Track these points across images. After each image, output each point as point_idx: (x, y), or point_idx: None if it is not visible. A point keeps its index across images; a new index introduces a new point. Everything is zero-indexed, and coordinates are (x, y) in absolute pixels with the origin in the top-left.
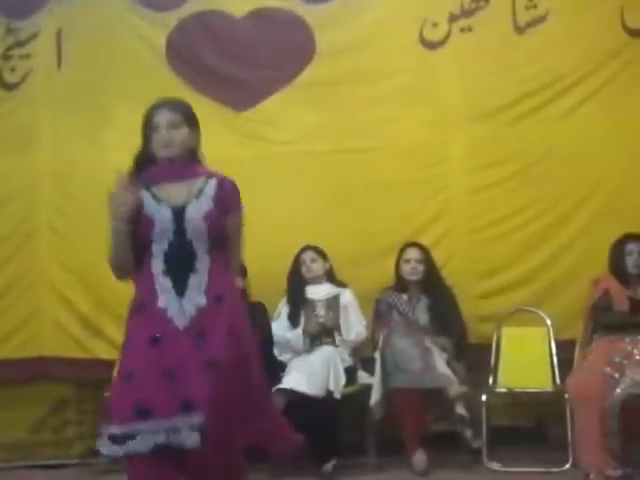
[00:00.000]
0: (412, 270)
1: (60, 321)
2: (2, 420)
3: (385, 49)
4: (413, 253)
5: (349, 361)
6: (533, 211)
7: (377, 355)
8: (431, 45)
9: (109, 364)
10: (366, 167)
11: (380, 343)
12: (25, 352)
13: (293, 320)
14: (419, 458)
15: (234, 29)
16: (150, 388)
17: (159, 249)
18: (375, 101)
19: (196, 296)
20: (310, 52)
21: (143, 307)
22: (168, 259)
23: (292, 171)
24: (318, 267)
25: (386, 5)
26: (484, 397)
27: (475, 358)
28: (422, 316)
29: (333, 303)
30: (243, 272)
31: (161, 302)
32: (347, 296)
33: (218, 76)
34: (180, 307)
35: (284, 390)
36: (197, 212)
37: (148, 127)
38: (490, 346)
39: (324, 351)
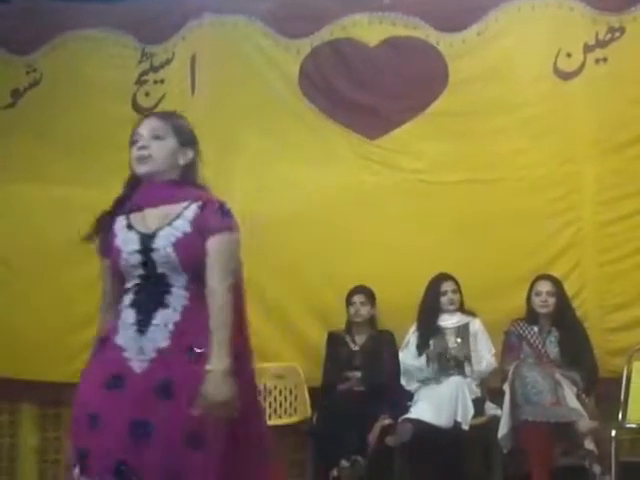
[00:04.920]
0: (543, 303)
1: None
2: None
3: (518, 79)
4: (545, 286)
5: (477, 392)
6: None
7: (506, 387)
8: (565, 76)
9: None
10: (496, 198)
11: (510, 375)
12: None
13: (421, 349)
14: None
15: (367, 57)
16: (122, 441)
17: (130, 284)
18: (507, 132)
19: (158, 335)
20: (443, 81)
21: (103, 342)
22: (137, 292)
23: (422, 200)
24: (458, 298)
25: (520, 35)
26: (614, 432)
27: (604, 392)
28: (552, 349)
29: (463, 331)
30: (372, 299)
31: (119, 338)
32: (476, 325)
33: (351, 104)
34: (139, 348)
35: (411, 420)
36: (166, 240)
37: (130, 141)
38: (620, 380)
39: (452, 381)
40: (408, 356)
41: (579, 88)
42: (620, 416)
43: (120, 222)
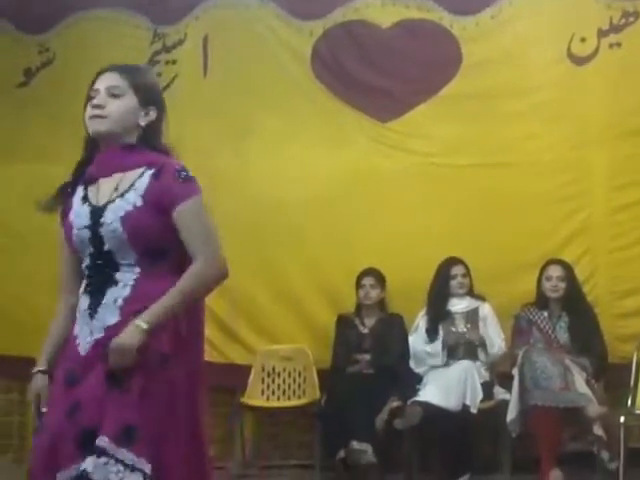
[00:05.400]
0: (553, 288)
1: None
2: None
3: (531, 63)
4: (555, 270)
5: (486, 376)
6: None
7: (515, 372)
8: (579, 60)
9: (243, 369)
10: (507, 182)
11: (519, 360)
12: None
13: (431, 333)
14: (555, 477)
15: (380, 40)
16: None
17: (85, 263)
18: (519, 115)
19: (107, 314)
20: (456, 64)
21: (68, 337)
22: (89, 275)
23: (434, 183)
24: (467, 282)
25: (533, 19)
26: (622, 418)
27: (613, 378)
28: (562, 334)
29: (473, 316)
30: (382, 282)
31: (75, 328)
32: (486, 309)
33: (363, 86)
34: (89, 331)
35: (420, 403)
36: (115, 214)
37: (87, 97)
38: (629, 366)
39: (462, 365)
40: (418, 340)
41: (593, 73)
42: (629, 402)
43: (78, 193)
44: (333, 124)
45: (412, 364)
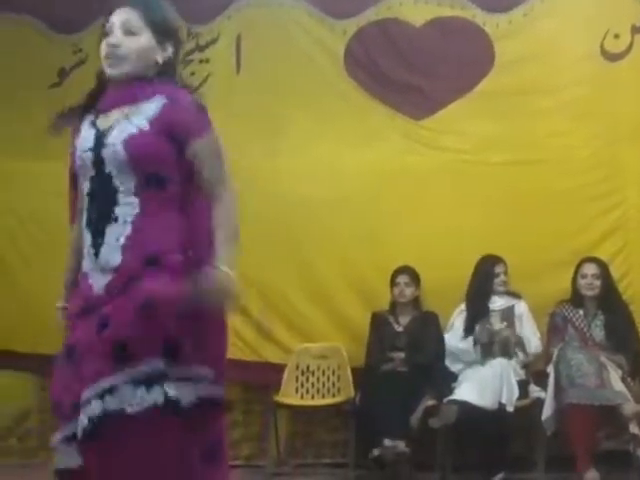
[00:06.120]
0: (589, 285)
1: (232, 324)
2: None
3: (564, 60)
4: (590, 268)
5: (522, 374)
6: None
7: (551, 369)
8: (612, 57)
9: (278, 368)
10: (541, 179)
11: (554, 357)
12: None
13: (468, 331)
14: (591, 477)
15: (413, 38)
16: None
17: (84, 189)
18: (552, 113)
19: (110, 253)
20: (489, 62)
21: (80, 272)
22: (89, 204)
23: (467, 180)
24: (506, 280)
25: (566, 16)
26: None
27: None
28: (598, 332)
29: (508, 314)
30: (416, 280)
31: (84, 264)
32: (522, 307)
33: (396, 84)
34: (99, 270)
35: (456, 401)
36: (119, 136)
37: (103, 32)
38: None
39: (497, 363)
40: (453, 339)
41: (626, 69)
42: None
43: (88, 120)
44: (366, 122)
45: (447, 362)
